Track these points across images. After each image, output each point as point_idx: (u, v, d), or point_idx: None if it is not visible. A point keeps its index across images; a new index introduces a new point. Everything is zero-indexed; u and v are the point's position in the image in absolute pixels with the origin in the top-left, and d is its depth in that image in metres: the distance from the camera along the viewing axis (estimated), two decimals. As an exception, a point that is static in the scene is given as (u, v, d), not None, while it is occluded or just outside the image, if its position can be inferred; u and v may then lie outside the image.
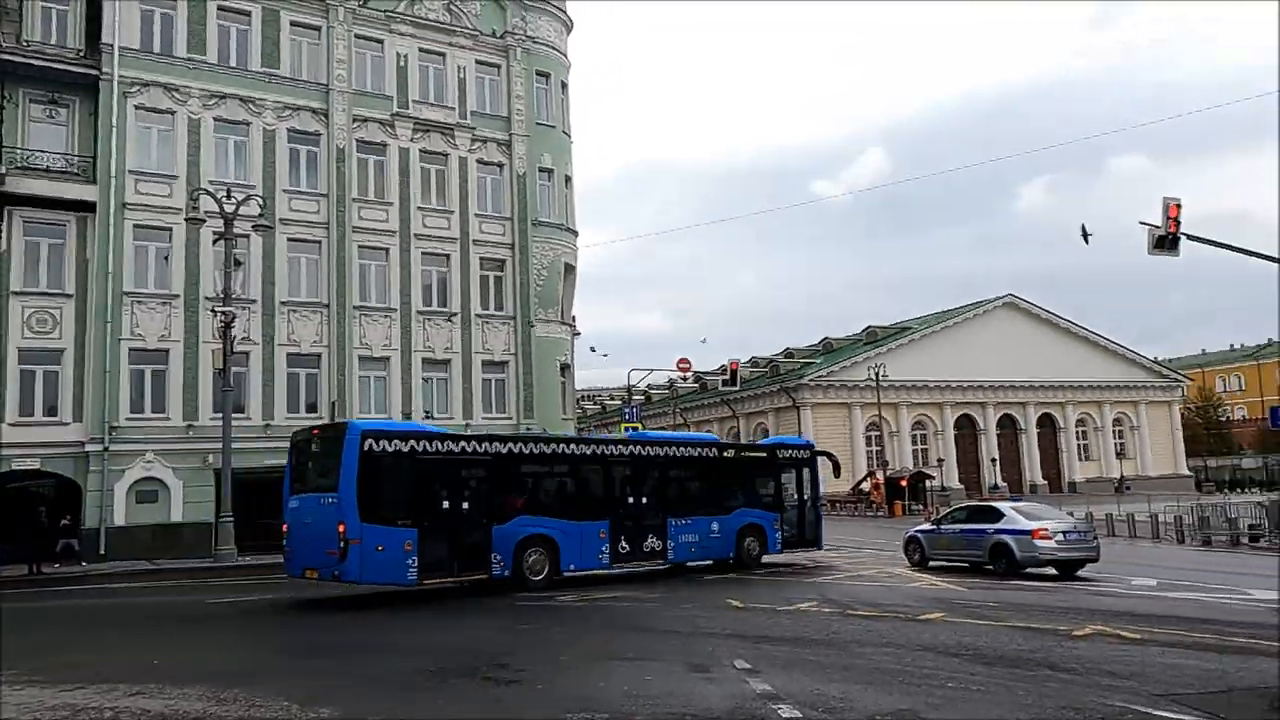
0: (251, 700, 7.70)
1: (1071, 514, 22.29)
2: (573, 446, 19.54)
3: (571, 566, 17.61)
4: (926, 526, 21.60)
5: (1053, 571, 18.20)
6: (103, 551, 24.67)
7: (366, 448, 15.17)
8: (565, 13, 35.24)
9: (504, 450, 17.48)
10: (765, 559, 20.99)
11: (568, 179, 34.68)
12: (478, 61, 32.93)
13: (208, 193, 24.53)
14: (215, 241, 25.56)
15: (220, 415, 24.29)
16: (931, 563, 20.16)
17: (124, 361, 26.15)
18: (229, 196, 24.24)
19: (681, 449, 20.94)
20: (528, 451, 18.07)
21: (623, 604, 14.94)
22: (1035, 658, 9.26)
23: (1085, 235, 19.96)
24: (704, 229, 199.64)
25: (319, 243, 29.50)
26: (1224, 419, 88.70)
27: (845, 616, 12.58)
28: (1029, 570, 18.05)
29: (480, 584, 16.48)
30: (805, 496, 22.37)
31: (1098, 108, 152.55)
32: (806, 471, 22.56)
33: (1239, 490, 58.64)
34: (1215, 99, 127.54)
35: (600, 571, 18.19)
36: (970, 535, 19.33)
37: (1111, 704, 7.20)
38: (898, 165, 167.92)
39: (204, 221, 24.51)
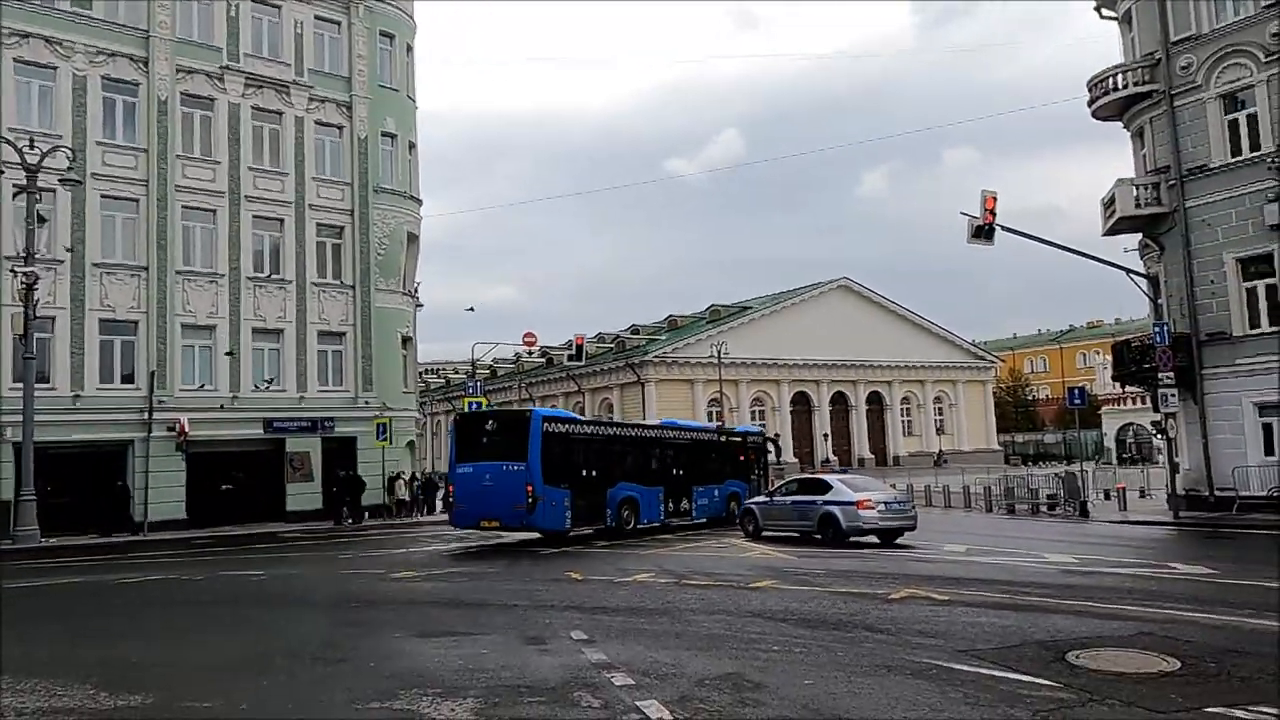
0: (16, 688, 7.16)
1: (894, 486, 23.68)
2: (645, 431, 25.49)
3: (645, 520, 22.65)
4: (761, 499, 22.43)
5: (875, 540, 19.23)
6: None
7: (545, 429, 20.08)
8: (412, -28, 34.05)
9: (613, 433, 24.27)
10: None
11: (411, 145, 33.69)
12: (317, 17, 31.39)
13: (7, 141, 22.42)
14: (16, 195, 23.43)
15: (20, 385, 22.37)
16: (765, 533, 20.90)
17: (-95, 324, 23.67)
18: (32, 146, 22.23)
19: (701, 434, 27.58)
20: (624, 434, 24.37)
21: (461, 579, 14.80)
22: (854, 620, 9.79)
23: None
24: (556, 202, 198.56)
25: (137, 201, 27.50)
26: (1030, 398, 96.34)
27: (681, 586, 12.90)
28: (854, 539, 19.04)
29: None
30: (760, 471, 28.53)
31: (938, 100, 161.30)
32: (761, 452, 29.13)
33: (1041, 463, 63.83)
34: (1037, 100, 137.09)
35: (656, 524, 23.17)
36: (801, 506, 20.16)
37: (919, 660, 7.71)
38: (752, 147, 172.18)
39: (2, 173, 22.39)
